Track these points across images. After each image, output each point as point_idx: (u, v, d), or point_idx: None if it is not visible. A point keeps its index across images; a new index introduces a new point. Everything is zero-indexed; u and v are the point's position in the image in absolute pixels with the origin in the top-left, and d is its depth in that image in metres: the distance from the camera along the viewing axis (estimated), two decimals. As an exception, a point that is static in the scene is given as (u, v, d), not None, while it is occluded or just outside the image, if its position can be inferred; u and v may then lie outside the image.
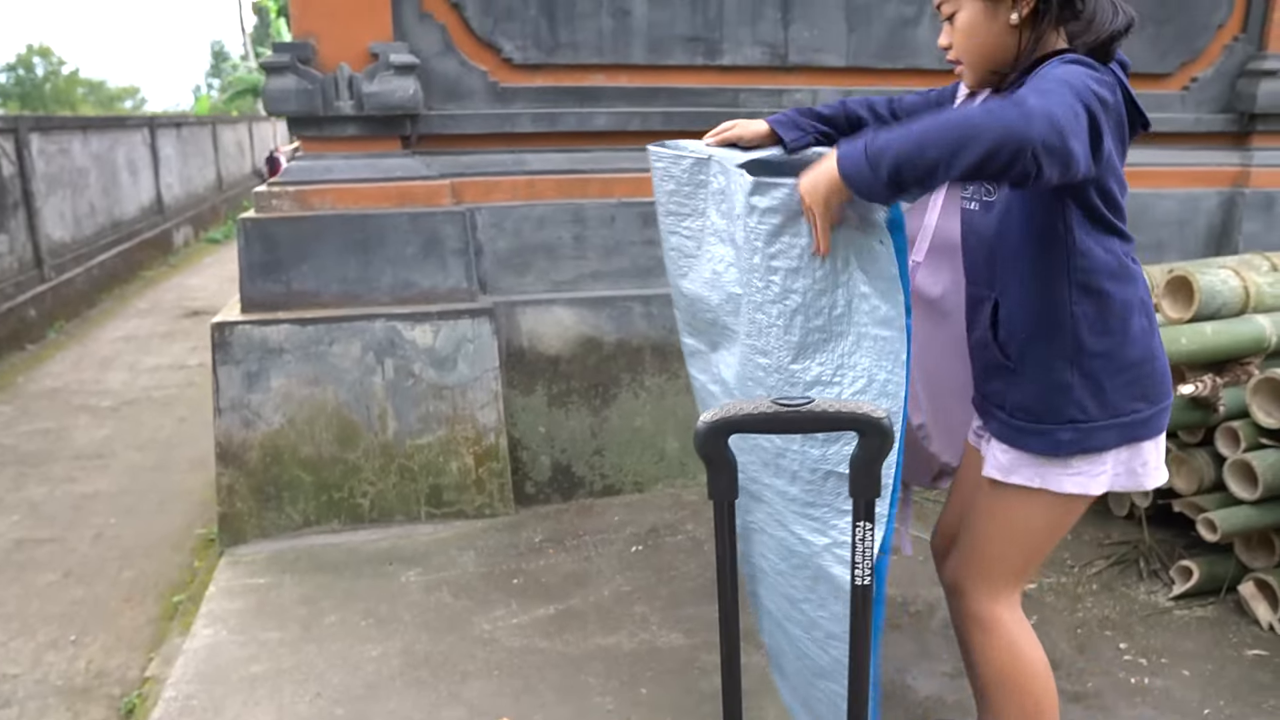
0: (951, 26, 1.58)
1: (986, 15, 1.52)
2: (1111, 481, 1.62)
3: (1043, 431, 1.59)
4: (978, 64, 1.58)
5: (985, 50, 1.55)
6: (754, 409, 1.03)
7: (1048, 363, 1.56)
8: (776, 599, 1.77)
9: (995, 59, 1.56)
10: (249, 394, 3.31)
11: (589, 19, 3.53)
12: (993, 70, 1.58)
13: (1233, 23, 4.19)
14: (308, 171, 3.41)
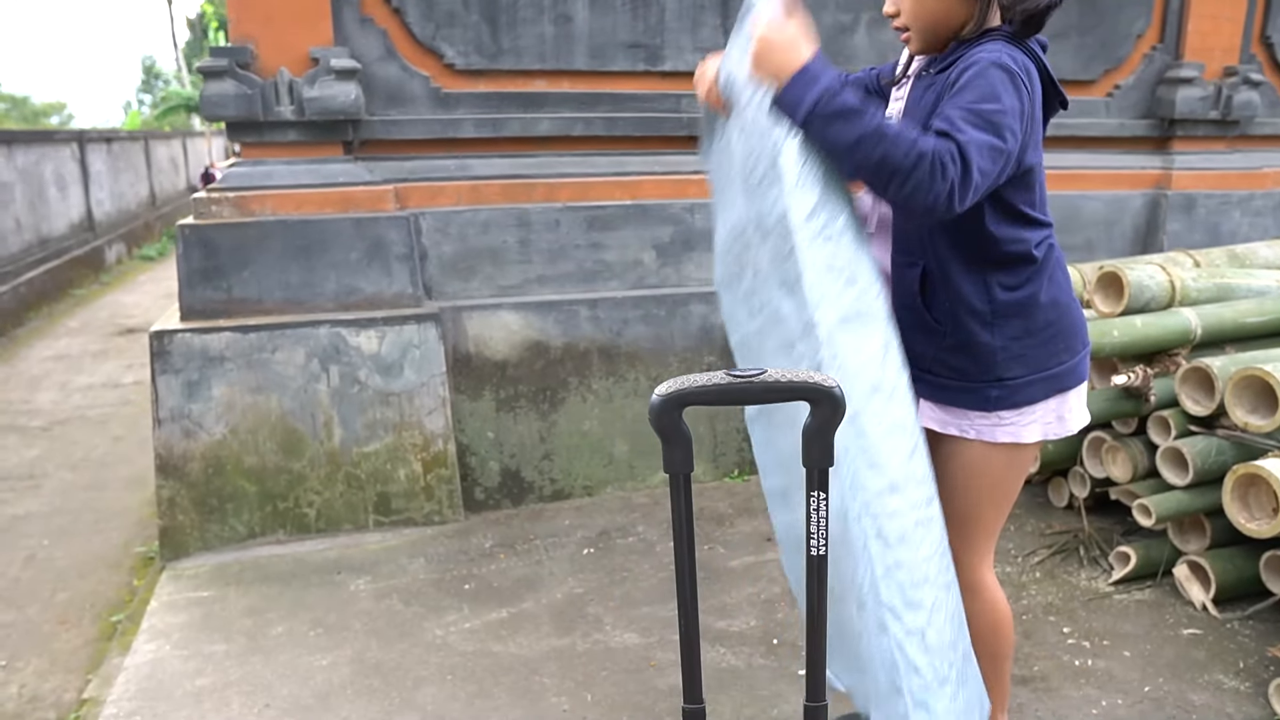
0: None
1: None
2: (1042, 430, 1.70)
3: (971, 389, 1.67)
4: (926, 31, 1.61)
5: (935, 18, 1.59)
6: (707, 381, 1.05)
7: (971, 327, 1.63)
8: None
9: (943, 26, 1.59)
10: (190, 404, 3.24)
11: (531, 25, 3.55)
12: (938, 37, 1.61)
13: (1151, 33, 4.36)
14: (248, 177, 3.36)
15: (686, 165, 3.74)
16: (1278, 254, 3.90)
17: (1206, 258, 3.81)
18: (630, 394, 3.70)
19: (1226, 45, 4.43)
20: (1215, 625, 2.77)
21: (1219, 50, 4.41)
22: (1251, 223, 4.54)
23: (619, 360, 3.66)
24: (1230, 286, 3.42)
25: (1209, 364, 2.85)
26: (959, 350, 1.66)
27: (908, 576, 1.44)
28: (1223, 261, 3.79)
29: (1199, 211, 4.44)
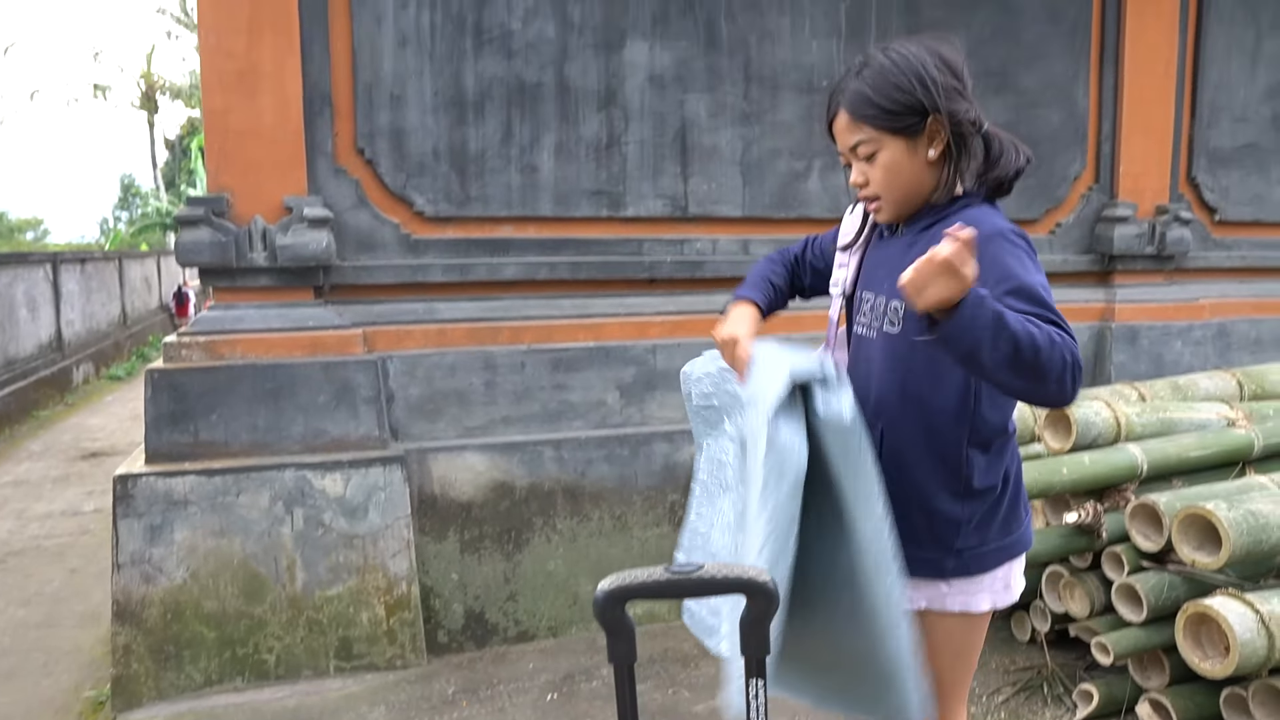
0: (868, 165, 1.61)
1: (907, 152, 1.58)
2: (991, 600, 1.71)
3: (927, 560, 1.65)
4: (898, 199, 1.63)
5: (908, 186, 1.61)
6: (648, 576, 1.10)
7: (938, 498, 1.62)
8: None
9: (914, 194, 1.62)
10: (151, 548, 3.22)
11: (498, 174, 3.71)
12: (911, 205, 1.64)
13: (1087, 174, 4.63)
14: (218, 321, 3.43)
15: (648, 307, 3.88)
16: (1217, 385, 4.05)
17: (1151, 390, 3.95)
18: (595, 534, 3.72)
19: (1156, 186, 4.70)
20: (1179, 766, 2.77)
21: (1150, 190, 4.68)
22: (1193, 351, 4.73)
23: (583, 500, 3.69)
24: (1173, 420, 3.53)
25: (1156, 500, 2.93)
26: (918, 517, 1.64)
27: None
28: (1166, 394, 3.93)
29: (1142, 342, 4.63)
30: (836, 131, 1.65)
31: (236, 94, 3.37)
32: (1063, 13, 4.48)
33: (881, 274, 1.67)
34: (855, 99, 1.59)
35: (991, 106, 4.34)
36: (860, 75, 1.60)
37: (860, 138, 1.60)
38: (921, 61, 1.57)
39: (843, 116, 1.61)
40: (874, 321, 1.68)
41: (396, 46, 3.55)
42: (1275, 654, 2.44)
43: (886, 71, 1.57)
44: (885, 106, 1.56)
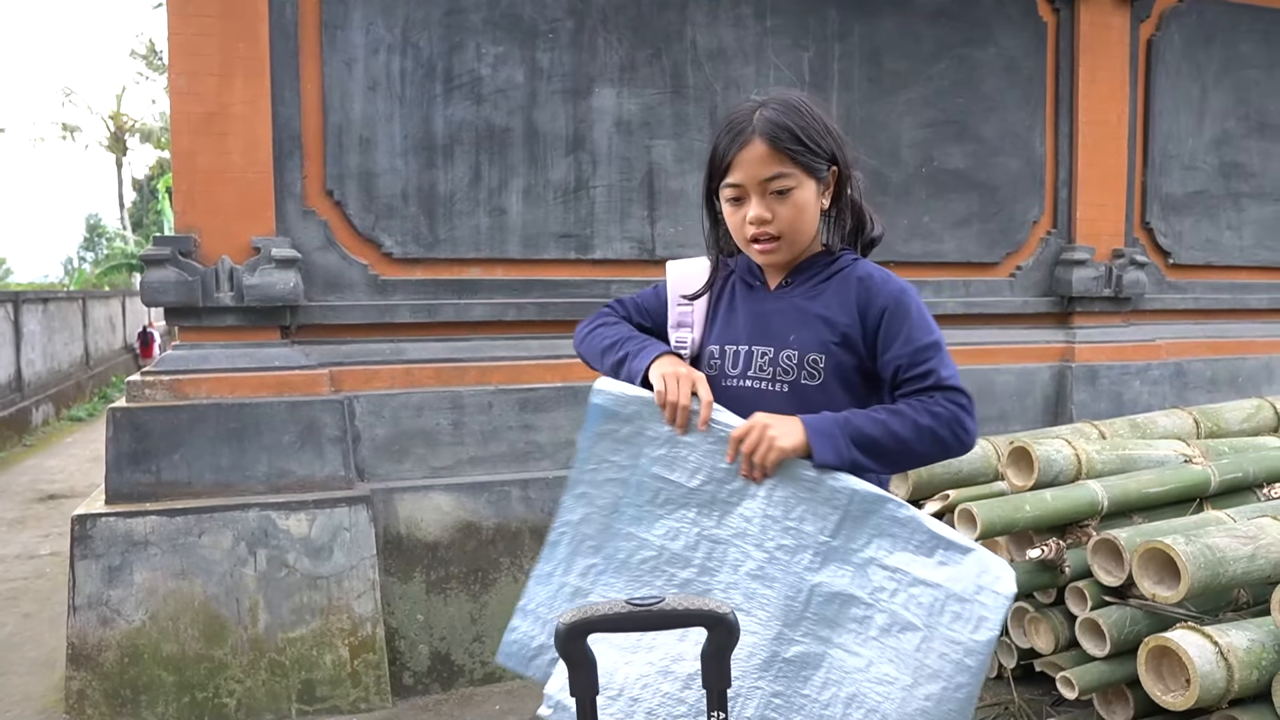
0: (778, 201, 1.57)
1: (815, 196, 1.59)
2: None
3: None
4: (797, 242, 1.61)
5: (807, 230, 1.61)
6: (610, 609, 1.11)
7: None
8: None
9: (806, 240, 1.63)
10: (109, 589, 3.16)
11: (467, 216, 3.75)
12: (799, 251, 1.64)
13: (1045, 219, 4.76)
14: (183, 361, 3.41)
15: (617, 346, 3.90)
16: (1175, 423, 4.13)
17: (1110, 428, 4.02)
18: (563, 571, 3.70)
19: (1112, 230, 4.84)
20: (1143, 801, 2.78)
21: (1106, 235, 4.81)
22: (1151, 391, 4.83)
23: (551, 538, 3.68)
24: (1132, 458, 3.60)
25: (1117, 536, 2.97)
26: None
27: None
28: (1125, 432, 4.00)
29: (1102, 382, 4.72)
30: (745, 161, 1.56)
31: (205, 135, 3.39)
32: (1019, 65, 4.63)
33: (777, 326, 1.64)
34: (779, 130, 1.54)
35: (952, 154, 4.49)
36: (773, 108, 1.56)
37: (780, 170, 1.55)
38: (825, 112, 1.61)
39: (760, 146, 1.54)
40: (776, 374, 1.62)
41: (367, 90, 3.60)
42: (1234, 686, 2.47)
43: (805, 113, 1.57)
44: (808, 145, 1.55)
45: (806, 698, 1.50)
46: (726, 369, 1.68)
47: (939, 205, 4.52)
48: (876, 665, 1.47)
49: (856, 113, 4.33)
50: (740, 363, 1.66)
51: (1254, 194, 5.35)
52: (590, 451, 1.64)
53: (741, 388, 1.65)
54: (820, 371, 1.60)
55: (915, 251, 4.48)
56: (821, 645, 1.51)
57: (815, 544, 1.52)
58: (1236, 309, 5.38)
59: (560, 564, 1.65)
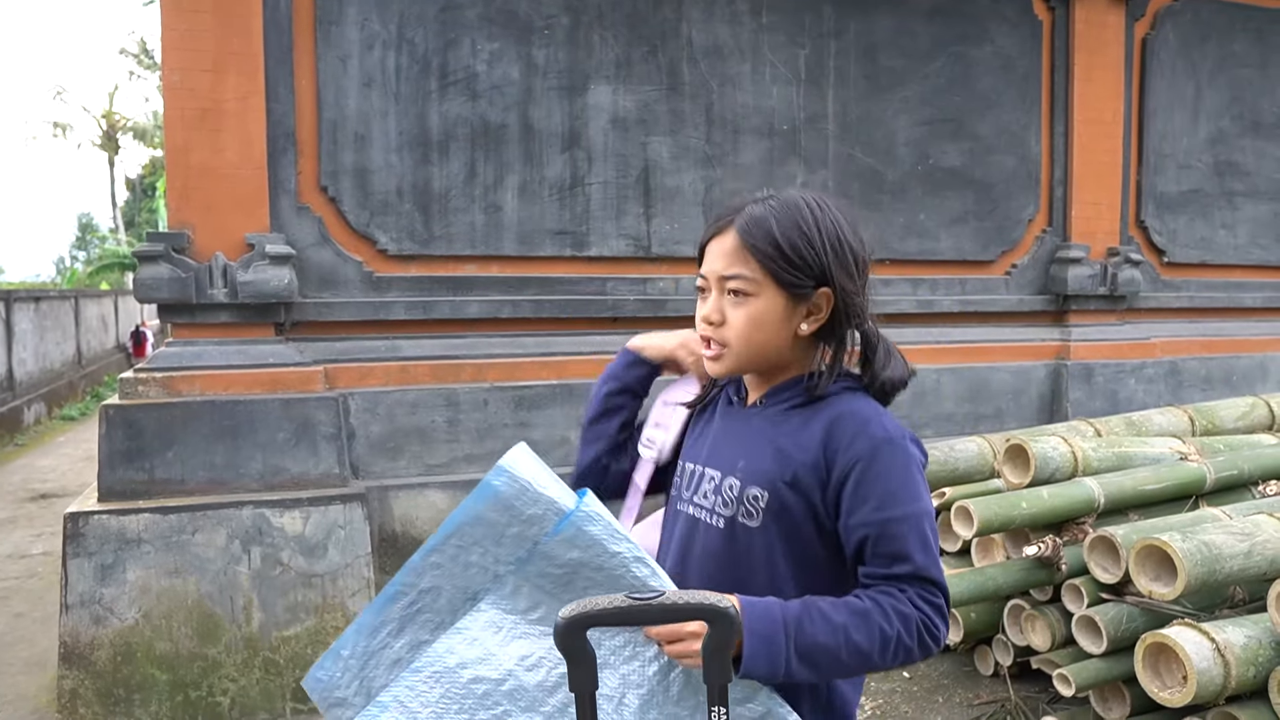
0: (733, 304, 1.33)
1: (784, 312, 1.33)
2: None
3: None
4: (747, 359, 1.36)
5: (764, 348, 1.35)
6: (609, 604, 1.10)
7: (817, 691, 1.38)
8: None
9: (765, 361, 1.37)
10: (101, 588, 3.14)
11: (462, 214, 3.74)
12: (753, 369, 1.39)
13: (1040, 218, 4.76)
14: (177, 358, 3.39)
15: (612, 346, 3.87)
16: (1170, 420, 4.14)
17: (1106, 426, 4.03)
18: (558, 569, 3.70)
19: (1108, 229, 4.84)
20: (1140, 799, 2.79)
21: (1101, 233, 4.82)
22: (1146, 389, 4.84)
23: (547, 535, 3.67)
24: (1128, 455, 3.61)
25: (1113, 533, 2.97)
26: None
27: None
28: (1121, 430, 4.01)
29: (1098, 380, 4.73)
30: (713, 252, 1.35)
31: (199, 131, 3.37)
32: (1015, 64, 4.63)
33: (730, 449, 1.40)
34: (755, 227, 1.31)
35: (948, 152, 4.49)
36: (767, 204, 1.34)
37: (741, 271, 1.32)
38: (838, 224, 1.34)
39: (730, 239, 1.33)
40: (716, 505, 1.38)
41: (361, 86, 3.58)
42: (1231, 682, 2.47)
43: (800, 216, 1.32)
44: (785, 251, 1.30)
45: None
46: (682, 490, 1.46)
47: (935, 203, 4.52)
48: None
49: (852, 110, 4.33)
50: (692, 484, 1.44)
51: (1248, 192, 5.36)
52: (461, 528, 1.32)
53: (685, 514, 1.43)
54: (759, 512, 1.33)
55: (911, 249, 4.48)
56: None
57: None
58: (1231, 307, 5.39)
59: (392, 625, 1.36)
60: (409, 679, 1.33)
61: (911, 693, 3.53)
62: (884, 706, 3.41)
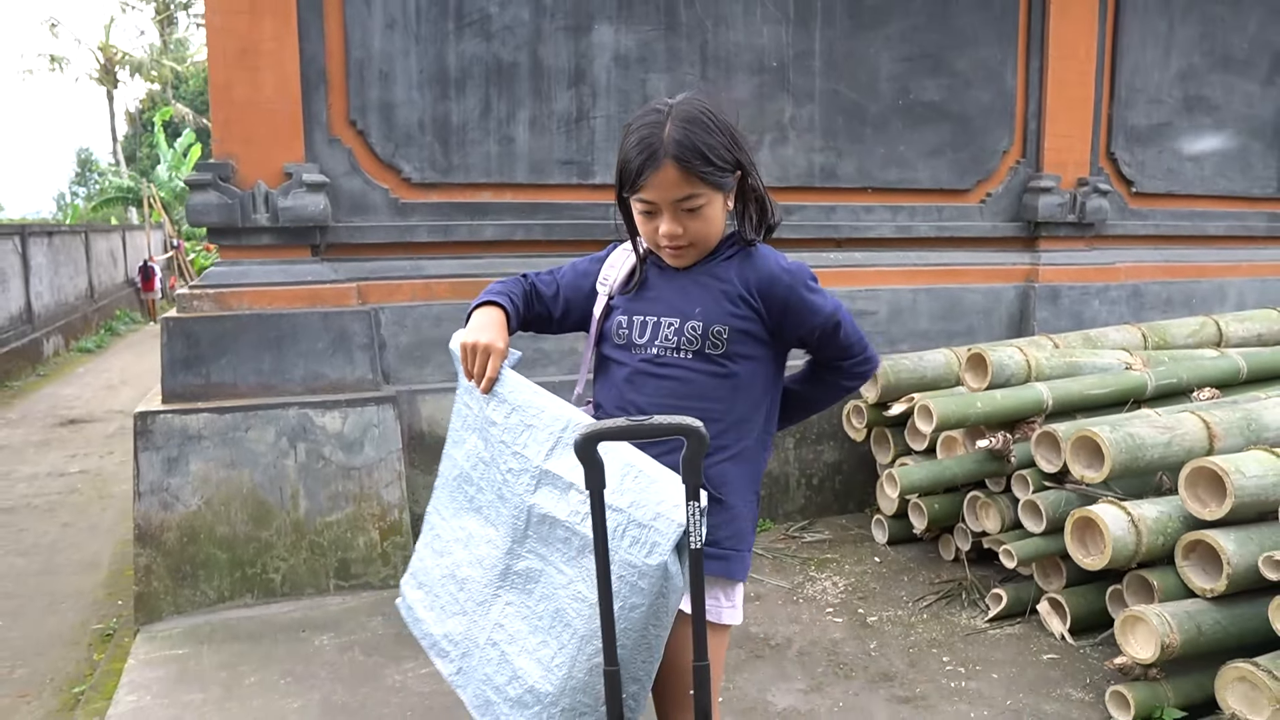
0: (689, 217, 1.65)
1: (721, 205, 1.69)
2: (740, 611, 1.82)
3: (741, 553, 1.76)
4: (703, 248, 1.72)
5: (715, 236, 1.72)
6: (613, 424, 1.50)
7: (748, 496, 1.77)
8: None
9: (716, 239, 1.73)
10: (168, 478, 3.58)
11: (478, 145, 4.08)
12: (707, 251, 1.74)
13: (1015, 149, 5.09)
14: (225, 276, 3.78)
15: (616, 264, 4.27)
16: (1125, 336, 4.54)
17: (1065, 340, 4.43)
18: (568, 466, 4.13)
19: (1078, 160, 5.17)
20: (1070, 651, 3.25)
21: (1072, 164, 5.15)
22: (1109, 310, 5.22)
23: (558, 435, 4.10)
24: (1078, 364, 4.01)
25: (1056, 429, 3.39)
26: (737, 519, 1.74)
27: None
28: (1078, 344, 4.41)
29: (1063, 301, 5.11)
30: (658, 184, 1.62)
31: (239, 69, 3.70)
32: (992, 2, 4.92)
33: (682, 300, 1.73)
34: (689, 154, 1.60)
35: (928, 87, 4.81)
36: (683, 129, 1.61)
37: (693, 192, 1.63)
38: (729, 121, 1.67)
39: (672, 170, 1.60)
40: (684, 343, 1.71)
41: (385, 28, 3.90)
42: (1142, 548, 2.91)
43: (710, 126, 1.63)
44: (716, 164, 1.62)
45: (529, 609, 1.67)
46: (634, 338, 1.77)
47: (914, 135, 4.85)
48: (574, 584, 1.60)
49: (838, 48, 4.63)
50: (648, 333, 1.75)
51: (1216, 126, 5.67)
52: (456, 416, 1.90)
53: (648, 355, 1.75)
54: (723, 341, 1.70)
55: (891, 179, 4.83)
56: (541, 562, 1.66)
57: (532, 468, 1.66)
58: (1195, 235, 5.74)
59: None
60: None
61: (880, 574, 3.99)
62: (855, 585, 3.87)
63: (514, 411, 1.74)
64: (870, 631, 3.44)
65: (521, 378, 1.77)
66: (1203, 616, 2.72)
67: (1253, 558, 2.67)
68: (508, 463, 1.72)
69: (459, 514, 1.86)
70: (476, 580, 1.78)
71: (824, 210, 4.69)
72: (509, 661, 1.70)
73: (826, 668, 3.17)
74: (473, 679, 1.78)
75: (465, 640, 1.80)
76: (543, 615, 1.65)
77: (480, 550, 1.79)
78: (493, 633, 1.74)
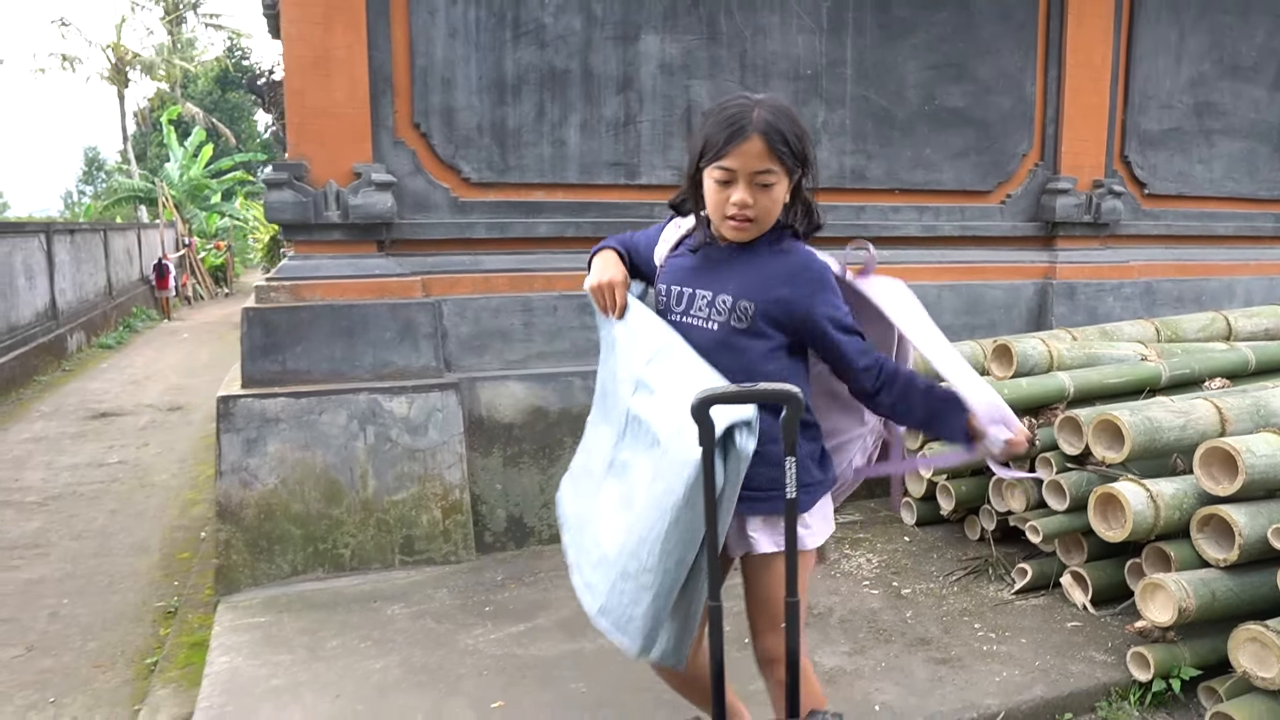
0: (761, 192, 1.86)
1: (786, 190, 1.90)
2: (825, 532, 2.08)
3: (812, 489, 2.02)
4: (766, 225, 1.93)
5: (774, 216, 1.92)
6: (725, 389, 1.75)
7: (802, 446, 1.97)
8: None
9: (771, 222, 1.94)
10: (247, 458, 3.83)
11: (532, 147, 4.34)
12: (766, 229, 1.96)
13: (1033, 152, 5.34)
14: (299, 269, 4.03)
15: (660, 260, 4.53)
16: (1139, 330, 4.78)
17: (1082, 334, 4.67)
18: (616, 449, 4.39)
19: (1094, 163, 5.42)
20: (1092, 619, 3.50)
21: (1088, 167, 5.40)
22: (1123, 306, 5.47)
23: (607, 421, 4.36)
24: (1097, 355, 4.26)
25: (1078, 414, 3.64)
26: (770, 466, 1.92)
27: None
28: (1095, 337, 4.65)
29: (1079, 298, 5.36)
30: (743, 154, 1.83)
31: (313, 76, 3.95)
32: (1013, 13, 5.17)
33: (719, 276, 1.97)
34: (775, 134, 1.83)
35: (952, 93, 5.07)
36: (772, 112, 1.84)
37: (770, 167, 1.84)
38: (803, 121, 1.95)
39: (758, 143, 1.82)
40: (714, 315, 1.95)
41: (447, 37, 4.15)
42: (1160, 521, 3.15)
43: (794, 120, 1.88)
44: (793, 148, 1.85)
45: (619, 492, 1.99)
46: (672, 305, 2.02)
47: (939, 139, 5.10)
48: (643, 470, 1.89)
49: (868, 57, 4.89)
50: (684, 302, 2.00)
51: (1225, 131, 5.92)
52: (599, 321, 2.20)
53: (681, 322, 2.00)
54: (748, 318, 1.92)
55: (917, 180, 5.08)
56: (631, 454, 1.97)
57: (632, 377, 1.97)
58: (1204, 235, 5.99)
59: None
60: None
61: (911, 552, 4.24)
62: (888, 561, 4.12)
63: (631, 334, 2.05)
64: (905, 602, 3.69)
65: (639, 304, 2.08)
66: (1216, 584, 2.97)
67: (1262, 530, 2.92)
68: (620, 373, 2.05)
69: (596, 424, 2.25)
70: (596, 472, 2.14)
71: (854, 210, 4.95)
72: (595, 532, 2.05)
73: (867, 633, 3.42)
74: (575, 546, 2.18)
75: (579, 517, 2.19)
76: (622, 496, 1.97)
77: (603, 447, 2.14)
78: (596, 511, 2.09)
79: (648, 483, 1.88)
